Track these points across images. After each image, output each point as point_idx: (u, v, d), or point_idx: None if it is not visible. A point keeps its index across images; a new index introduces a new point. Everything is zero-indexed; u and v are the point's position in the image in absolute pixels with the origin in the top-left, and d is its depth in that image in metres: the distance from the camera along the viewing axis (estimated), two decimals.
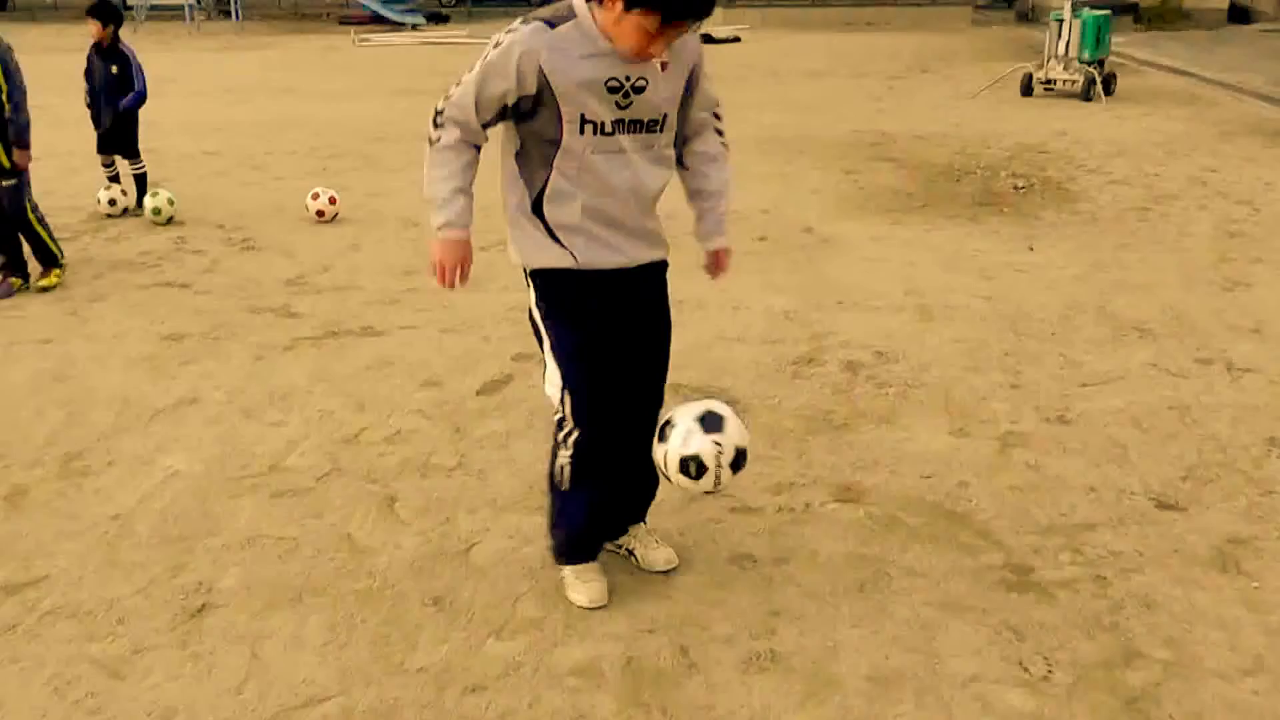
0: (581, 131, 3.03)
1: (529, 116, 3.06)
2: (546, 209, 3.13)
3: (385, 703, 3.06)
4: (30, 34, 25.04)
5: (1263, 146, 11.59)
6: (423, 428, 4.77)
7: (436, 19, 29.28)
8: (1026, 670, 3.21)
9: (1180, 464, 4.51)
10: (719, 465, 3.20)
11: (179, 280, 6.93)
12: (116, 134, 8.59)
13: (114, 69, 8.36)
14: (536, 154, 3.11)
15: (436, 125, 3.12)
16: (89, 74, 8.48)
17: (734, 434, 3.22)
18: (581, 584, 3.49)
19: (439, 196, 3.15)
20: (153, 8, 29.28)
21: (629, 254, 3.21)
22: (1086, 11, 15.08)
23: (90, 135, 8.76)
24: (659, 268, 3.35)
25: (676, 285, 3.51)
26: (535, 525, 3.91)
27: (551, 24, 2.98)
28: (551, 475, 3.42)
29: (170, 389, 5.23)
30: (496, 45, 3.02)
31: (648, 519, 3.76)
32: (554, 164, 3.08)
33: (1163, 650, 3.32)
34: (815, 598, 3.50)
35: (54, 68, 14.95)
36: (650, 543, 3.68)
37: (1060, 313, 6.30)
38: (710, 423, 3.21)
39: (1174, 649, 3.33)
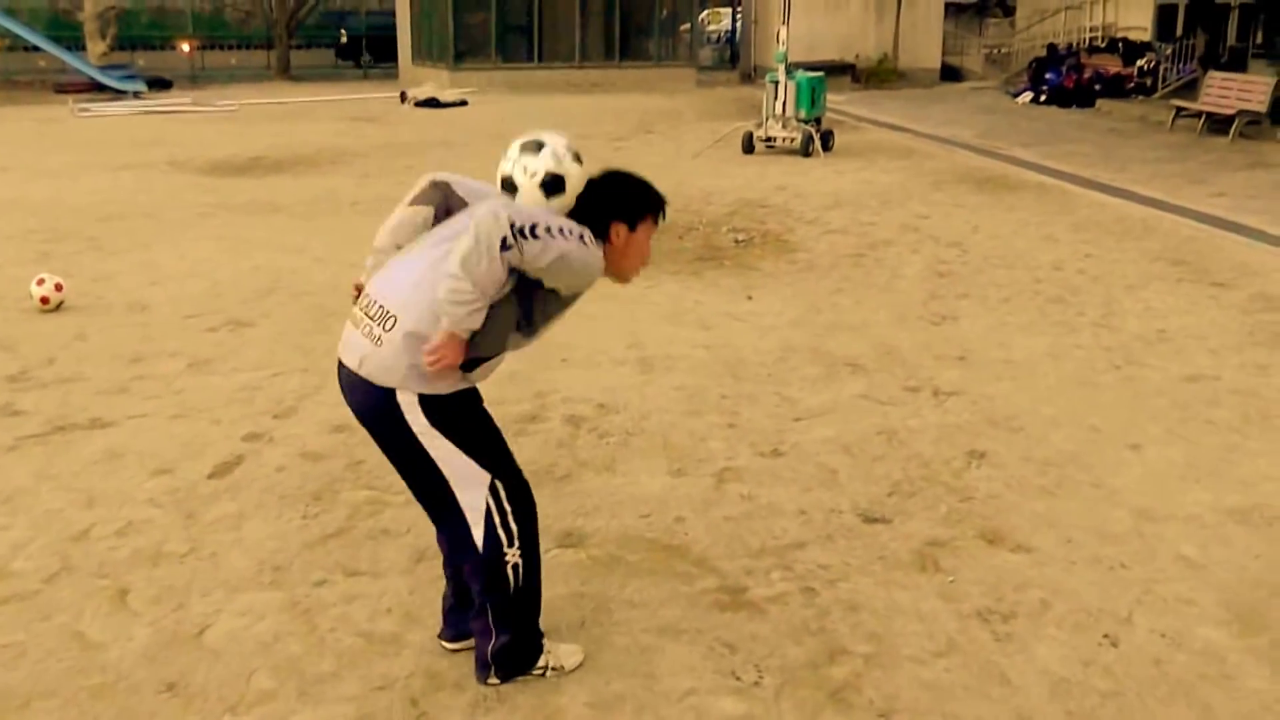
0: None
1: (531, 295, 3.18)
2: (473, 368, 3.22)
3: None
4: None
5: (970, 193, 12.62)
6: (154, 517, 4.76)
7: (159, 85, 28.32)
8: (738, 679, 3.54)
9: (887, 481, 5.00)
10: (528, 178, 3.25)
11: None
12: None
13: None
14: (506, 333, 3.20)
15: (505, 246, 2.96)
16: None
17: (547, 159, 3.24)
18: (561, 647, 3.59)
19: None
20: None
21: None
22: (800, 73, 16.03)
23: None
24: None
25: None
26: (267, 601, 4.02)
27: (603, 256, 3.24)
28: (503, 592, 3.36)
29: None
30: (581, 239, 3.11)
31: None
32: (507, 344, 3.24)
33: (865, 645, 3.74)
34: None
35: None
36: None
37: (777, 355, 6.76)
38: (530, 145, 3.28)
39: (875, 643, 3.75)
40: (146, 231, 10.67)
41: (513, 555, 3.32)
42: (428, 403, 3.15)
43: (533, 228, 2.98)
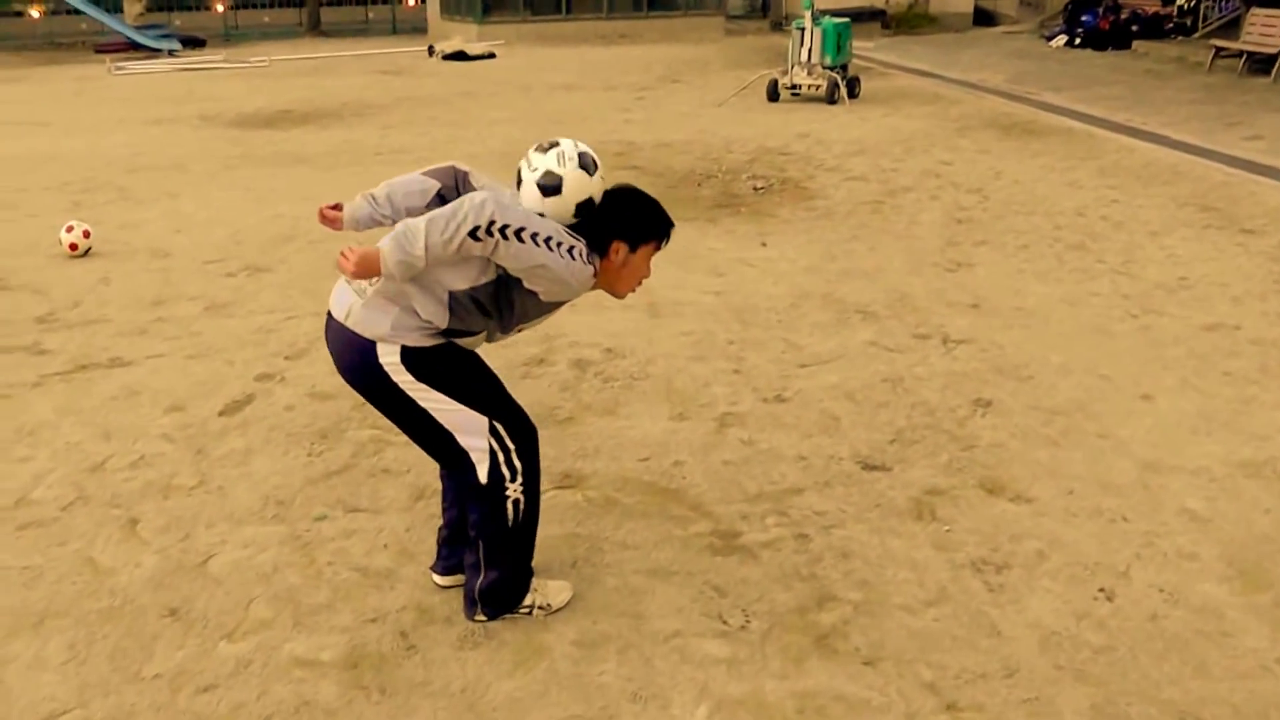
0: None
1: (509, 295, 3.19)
2: (456, 339, 3.26)
3: (123, 710, 3.21)
4: None
5: (996, 139, 12.48)
6: (167, 451, 4.86)
7: (193, 43, 28.65)
8: (725, 622, 3.57)
9: (890, 429, 4.99)
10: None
11: None
12: None
13: None
14: (482, 319, 3.23)
15: (474, 235, 2.95)
16: None
17: (551, 159, 3.20)
18: (550, 584, 3.64)
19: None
20: None
21: None
22: (827, 19, 15.89)
23: None
24: None
25: None
26: (269, 534, 4.12)
27: (595, 273, 3.22)
28: (499, 526, 3.39)
29: None
30: (570, 253, 3.09)
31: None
32: (485, 329, 3.28)
33: (855, 592, 3.75)
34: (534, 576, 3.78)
35: None
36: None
37: (788, 302, 6.77)
38: (544, 144, 3.26)
39: (865, 590, 3.76)
40: (174, 182, 10.77)
41: (514, 490, 3.35)
42: (410, 357, 3.17)
43: (518, 230, 2.97)
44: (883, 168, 10.91)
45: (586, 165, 3.20)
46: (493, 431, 3.29)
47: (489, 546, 3.42)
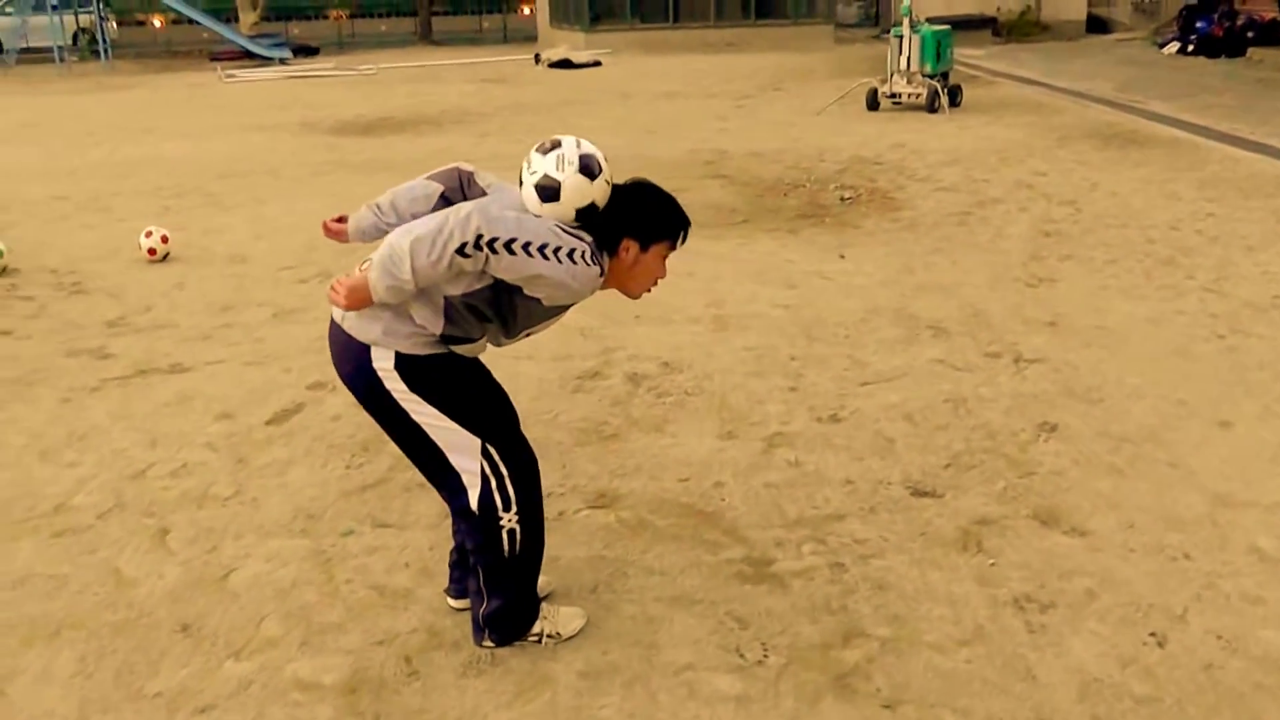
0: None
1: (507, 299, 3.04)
2: (455, 346, 3.12)
3: None
4: None
5: (1095, 149, 12.09)
6: (209, 460, 4.86)
7: (305, 51, 29.31)
8: (742, 656, 3.40)
9: (946, 453, 4.77)
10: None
11: (2, 328, 6.91)
12: None
13: None
14: (480, 324, 3.08)
15: (462, 252, 2.82)
16: None
17: (550, 162, 3.04)
18: (561, 611, 3.51)
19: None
20: (23, 50, 28.79)
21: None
22: (925, 26, 15.57)
23: None
24: None
25: None
26: (294, 548, 4.07)
27: (601, 273, 3.05)
28: (495, 555, 3.26)
29: None
30: (570, 256, 2.93)
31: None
32: (484, 334, 3.13)
33: (884, 628, 3.54)
34: (547, 601, 3.65)
35: None
36: None
37: (858, 316, 6.56)
38: (545, 144, 3.10)
39: (895, 626, 3.54)
40: (264, 188, 10.93)
41: (508, 520, 3.22)
42: (405, 365, 3.05)
43: (508, 242, 2.82)
44: (975, 178, 10.61)
45: (589, 169, 3.03)
46: (485, 454, 3.16)
47: (488, 574, 3.31)
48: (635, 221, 3.13)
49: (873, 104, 15.60)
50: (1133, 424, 5.00)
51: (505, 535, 3.23)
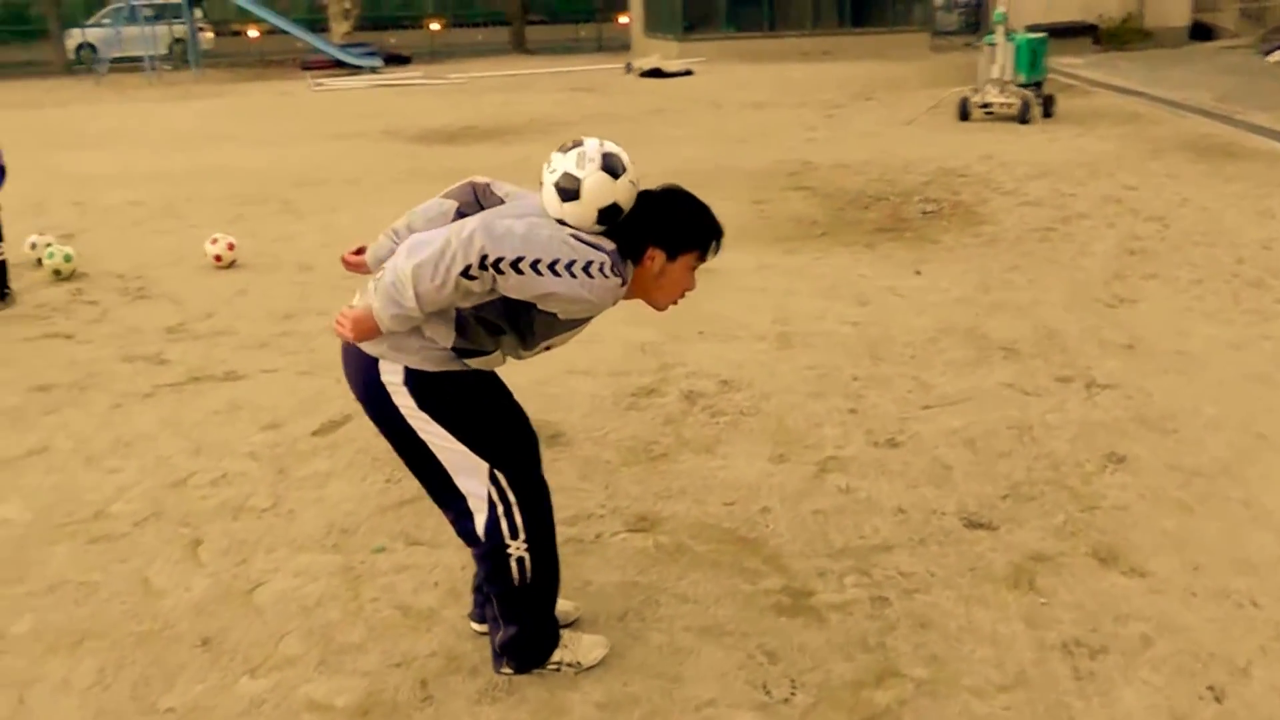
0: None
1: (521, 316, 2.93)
2: (468, 360, 3.01)
3: None
4: None
5: (1189, 162, 11.68)
6: (249, 470, 4.82)
7: (397, 60, 29.65)
8: (768, 693, 3.25)
9: (1005, 483, 4.55)
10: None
11: (65, 331, 6.98)
12: None
13: None
14: (494, 337, 2.97)
15: (467, 274, 2.72)
16: None
17: (570, 161, 2.91)
18: (584, 640, 3.40)
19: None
20: (115, 60, 29.52)
21: None
22: (1019, 34, 15.21)
23: None
24: None
25: None
26: (324, 564, 4.00)
27: (623, 283, 2.91)
28: (505, 584, 3.16)
29: (24, 440, 5.27)
30: (585, 270, 2.80)
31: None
32: (499, 347, 3.02)
33: (922, 668, 3.36)
34: (570, 629, 3.53)
35: None
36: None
37: (928, 335, 6.35)
38: (568, 144, 2.99)
39: (934, 667, 3.36)
40: (338, 196, 10.98)
41: (516, 549, 3.10)
42: (415, 381, 2.95)
43: (515, 262, 2.70)
44: (1061, 192, 10.28)
45: (612, 168, 2.88)
46: (493, 479, 3.05)
47: (500, 602, 3.20)
48: (663, 229, 2.98)
49: (964, 114, 15.26)
50: (1206, 457, 4.72)
51: (514, 564, 3.12)
